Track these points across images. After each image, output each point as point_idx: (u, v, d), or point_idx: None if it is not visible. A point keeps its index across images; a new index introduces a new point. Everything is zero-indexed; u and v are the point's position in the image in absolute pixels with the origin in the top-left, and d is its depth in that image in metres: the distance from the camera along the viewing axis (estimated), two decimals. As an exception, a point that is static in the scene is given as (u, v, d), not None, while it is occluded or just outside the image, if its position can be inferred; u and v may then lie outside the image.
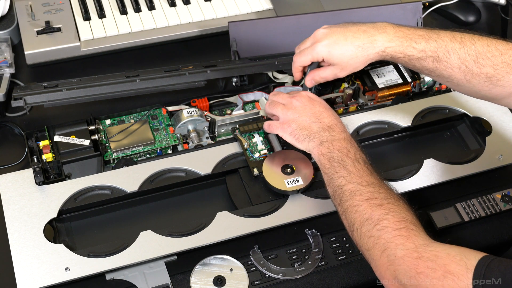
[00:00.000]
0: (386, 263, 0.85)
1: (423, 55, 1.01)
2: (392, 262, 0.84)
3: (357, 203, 0.91)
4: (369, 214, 0.89)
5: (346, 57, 1.03)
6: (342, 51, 1.03)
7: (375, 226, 0.87)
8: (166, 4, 1.39)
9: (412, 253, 0.83)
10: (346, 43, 1.03)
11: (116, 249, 0.98)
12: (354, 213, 0.91)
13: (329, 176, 0.98)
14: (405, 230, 0.86)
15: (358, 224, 0.90)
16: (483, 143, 1.19)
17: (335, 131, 1.02)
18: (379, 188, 0.93)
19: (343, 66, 1.05)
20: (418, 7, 1.35)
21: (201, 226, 1.02)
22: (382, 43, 1.02)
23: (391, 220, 0.87)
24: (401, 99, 1.25)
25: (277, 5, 1.41)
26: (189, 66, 1.23)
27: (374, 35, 1.03)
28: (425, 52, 1.01)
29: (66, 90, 1.14)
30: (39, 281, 0.94)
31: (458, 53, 1.00)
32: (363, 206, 0.90)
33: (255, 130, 1.17)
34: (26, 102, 1.12)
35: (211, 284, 1.00)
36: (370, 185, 0.93)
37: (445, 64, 1.01)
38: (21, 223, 1.00)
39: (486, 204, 1.13)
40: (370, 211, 0.89)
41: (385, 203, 0.90)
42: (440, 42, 1.01)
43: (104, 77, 1.18)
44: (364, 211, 0.90)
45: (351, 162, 0.96)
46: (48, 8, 1.33)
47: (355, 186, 0.93)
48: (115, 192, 1.06)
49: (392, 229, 0.86)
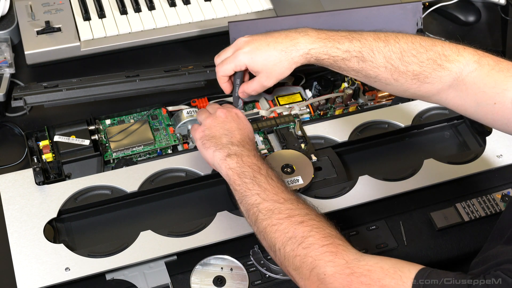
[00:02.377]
0: (316, 282, 0.80)
1: (347, 56, 0.99)
2: (323, 280, 0.79)
3: (276, 222, 0.86)
4: (292, 232, 0.84)
5: (270, 63, 1.00)
6: (265, 56, 1.00)
7: (300, 244, 0.82)
8: (166, 4, 1.39)
9: (344, 270, 0.78)
10: (268, 48, 1.01)
11: (116, 249, 0.98)
12: (275, 232, 0.85)
13: (240, 193, 0.93)
14: (333, 246, 0.81)
15: (280, 244, 0.85)
16: (483, 143, 1.19)
17: (244, 147, 0.97)
18: (297, 204, 0.88)
19: (268, 73, 1.02)
20: (418, 7, 1.35)
21: (201, 226, 1.02)
22: (305, 45, 1.00)
23: (317, 237, 0.82)
24: (401, 99, 1.25)
25: (277, 5, 1.41)
26: (189, 66, 1.23)
27: (296, 38, 1.01)
28: (349, 52, 0.99)
29: (66, 90, 1.14)
30: (39, 281, 0.94)
31: (383, 52, 0.98)
32: (284, 224, 0.85)
33: (255, 130, 1.17)
34: (26, 102, 1.12)
35: (211, 284, 1.00)
36: (287, 202, 0.88)
37: (371, 64, 0.99)
38: (21, 223, 1.00)
39: (486, 204, 1.13)
40: (293, 229, 0.84)
41: (306, 219, 0.85)
42: (364, 42, 0.99)
43: (104, 77, 1.18)
44: (286, 230, 0.85)
45: (264, 179, 0.92)
46: (48, 8, 1.33)
47: (272, 204, 0.88)
48: (115, 192, 1.06)
49: (319, 245, 0.81)
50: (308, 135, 1.16)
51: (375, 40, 0.99)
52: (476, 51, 0.98)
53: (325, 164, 1.12)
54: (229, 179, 0.96)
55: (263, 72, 1.02)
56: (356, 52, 0.99)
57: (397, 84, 1.00)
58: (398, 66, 0.98)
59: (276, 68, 1.01)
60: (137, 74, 1.19)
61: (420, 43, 0.98)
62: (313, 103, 1.24)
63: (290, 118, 1.19)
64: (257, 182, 0.91)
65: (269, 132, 1.18)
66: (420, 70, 0.97)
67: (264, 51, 1.01)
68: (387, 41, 0.99)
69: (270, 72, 1.01)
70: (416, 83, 0.99)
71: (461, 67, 0.96)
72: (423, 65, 0.97)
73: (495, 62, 0.96)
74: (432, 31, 1.47)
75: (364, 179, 1.11)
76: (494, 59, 0.96)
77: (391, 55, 0.98)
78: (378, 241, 1.07)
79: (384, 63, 0.98)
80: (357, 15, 1.31)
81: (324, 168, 1.12)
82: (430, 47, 0.98)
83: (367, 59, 0.99)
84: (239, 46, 1.03)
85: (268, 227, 0.87)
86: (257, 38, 1.03)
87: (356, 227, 1.09)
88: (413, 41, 0.98)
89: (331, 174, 1.11)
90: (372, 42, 0.99)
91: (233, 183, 0.94)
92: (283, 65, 1.01)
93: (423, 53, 0.97)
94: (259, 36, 1.03)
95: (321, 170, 1.11)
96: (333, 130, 1.18)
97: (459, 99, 0.98)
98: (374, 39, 0.99)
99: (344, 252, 0.81)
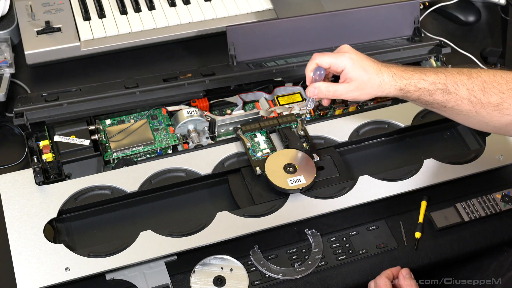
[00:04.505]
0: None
1: (433, 88, 1.02)
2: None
3: None
4: None
5: (366, 76, 1.02)
6: (365, 68, 1.02)
7: None
8: (166, 4, 1.39)
9: None
10: (368, 65, 1.03)
11: (116, 249, 0.98)
12: None
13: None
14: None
15: None
16: (483, 143, 1.19)
17: None
18: None
19: (358, 85, 1.03)
20: (415, 5, 1.35)
21: (201, 226, 1.02)
22: (396, 72, 1.03)
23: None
24: (401, 99, 1.25)
25: (277, 5, 1.41)
26: (187, 74, 1.23)
27: (388, 66, 1.04)
28: (435, 84, 1.02)
29: (67, 105, 1.14)
30: (39, 281, 0.94)
31: (466, 85, 1.01)
32: None
33: (257, 130, 1.17)
34: (27, 118, 1.12)
35: (211, 284, 1.00)
36: None
37: (455, 95, 1.01)
38: (21, 223, 1.00)
39: (486, 204, 1.13)
40: None
41: None
42: (448, 75, 1.02)
43: (103, 86, 1.19)
44: None
45: None
46: (48, 8, 1.33)
47: None
48: (115, 192, 1.06)
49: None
50: (308, 135, 1.16)
51: (459, 73, 1.02)
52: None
53: (327, 163, 1.12)
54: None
55: (355, 81, 1.03)
56: (441, 84, 1.02)
57: (478, 116, 1.02)
58: (480, 98, 1.01)
59: (367, 85, 1.03)
60: (136, 84, 1.19)
61: (501, 75, 1.01)
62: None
63: (292, 118, 1.19)
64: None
65: (271, 132, 1.18)
66: (500, 101, 1.00)
67: (365, 64, 1.03)
68: (469, 75, 1.02)
69: (361, 85, 1.03)
70: (497, 115, 1.01)
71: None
72: (503, 96, 1.00)
73: None
74: (432, 31, 1.47)
75: (364, 179, 1.11)
76: None
77: (474, 88, 1.01)
78: (378, 241, 1.07)
79: (467, 95, 1.01)
80: (356, 15, 1.32)
81: (327, 168, 1.12)
82: (511, 79, 1.01)
83: (452, 92, 1.02)
84: (345, 50, 1.05)
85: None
86: (361, 54, 1.05)
87: (356, 227, 1.09)
88: (495, 74, 1.02)
89: (333, 174, 1.11)
90: (456, 75, 1.02)
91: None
92: (373, 86, 1.03)
93: (503, 84, 1.00)
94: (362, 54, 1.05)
95: (323, 170, 1.11)
96: (333, 130, 1.18)
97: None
98: (457, 72, 1.03)
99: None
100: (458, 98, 1.01)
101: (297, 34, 1.29)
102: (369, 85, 1.02)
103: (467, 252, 1.10)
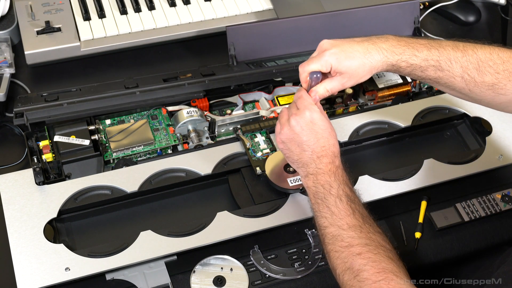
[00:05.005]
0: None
1: (425, 64, 1.00)
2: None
3: (338, 249, 0.91)
4: (350, 263, 0.88)
5: (354, 65, 1.01)
6: (350, 58, 1.01)
7: (356, 277, 0.87)
8: (166, 4, 1.39)
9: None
10: (353, 51, 1.01)
11: (116, 249, 0.98)
12: (336, 259, 0.91)
13: (314, 212, 0.97)
14: (385, 282, 0.85)
15: (340, 270, 0.90)
16: (483, 143, 1.19)
17: (322, 162, 0.98)
18: (359, 231, 0.92)
19: (350, 74, 1.02)
20: (415, 5, 1.35)
21: (201, 226, 1.02)
22: (385, 52, 1.01)
23: (371, 272, 0.86)
24: (401, 99, 1.25)
25: (277, 5, 1.41)
26: (187, 74, 1.23)
27: (377, 43, 1.02)
28: (427, 61, 1.00)
29: (67, 105, 1.14)
30: (39, 281, 0.94)
31: (460, 62, 0.99)
32: (344, 253, 0.90)
33: (257, 130, 1.17)
34: (27, 118, 1.12)
35: (211, 284, 1.00)
36: (351, 229, 0.92)
37: (448, 73, 1.00)
38: (21, 223, 1.00)
39: (486, 204, 1.13)
40: (351, 261, 0.89)
41: (364, 251, 0.89)
42: (442, 51, 1.00)
43: (103, 86, 1.19)
44: (345, 259, 0.89)
45: (333, 200, 0.94)
46: (48, 8, 1.33)
47: (336, 230, 0.92)
48: (115, 192, 1.06)
49: (372, 281, 0.86)
50: (308, 135, 1.16)
51: (453, 49, 1.00)
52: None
53: (325, 164, 1.12)
54: (308, 196, 0.99)
55: (346, 74, 1.02)
56: (434, 61, 1.00)
57: (471, 94, 1.01)
58: (474, 77, 0.99)
59: (359, 71, 1.01)
60: (136, 84, 1.19)
61: (498, 54, 0.99)
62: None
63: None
64: (327, 204, 0.95)
65: (271, 132, 1.18)
66: (495, 81, 0.98)
67: (349, 53, 1.01)
68: (465, 51, 1.00)
69: (353, 74, 1.02)
70: (490, 94, 0.99)
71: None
72: (499, 77, 0.98)
73: None
74: (432, 31, 1.47)
75: (364, 179, 1.11)
76: None
77: (468, 65, 0.99)
78: (378, 241, 1.07)
79: (460, 73, 0.99)
80: (356, 15, 1.32)
81: (325, 168, 1.12)
82: (508, 59, 0.98)
83: (444, 69, 1.00)
84: (324, 47, 1.03)
85: (331, 252, 0.92)
86: (342, 41, 1.03)
87: (356, 227, 1.09)
88: (491, 52, 0.99)
89: (331, 174, 1.11)
90: (450, 52, 1.00)
91: (310, 201, 0.98)
92: (365, 68, 1.01)
93: (499, 64, 0.98)
94: (343, 40, 1.04)
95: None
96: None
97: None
98: (452, 48, 1.00)
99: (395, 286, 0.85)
100: (451, 76, 1.00)
101: (297, 34, 1.29)
102: (361, 70, 1.01)
103: (467, 252, 1.10)
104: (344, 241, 0.91)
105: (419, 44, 1.02)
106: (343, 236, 0.91)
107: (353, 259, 0.88)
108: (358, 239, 0.90)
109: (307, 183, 0.98)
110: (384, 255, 0.89)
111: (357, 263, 0.88)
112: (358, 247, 0.89)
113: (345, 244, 0.90)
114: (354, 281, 0.87)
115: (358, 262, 0.88)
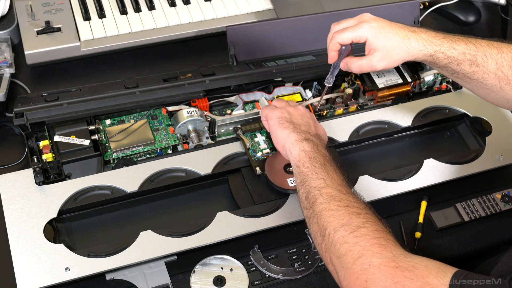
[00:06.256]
0: (358, 272, 0.81)
1: (462, 58, 1.00)
2: (366, 270, 0.81)
3: (334, 208, 0.88)
4: (347, 220, 0.86)
5: (389, 45, 0.99)
6: (388, 37, 0.99)
7: (353, 232, 0.84)
8: (166, 4, 1.39)
9: (390, 262, 0.80)
10: (392, 31, 0.99)
11: (116, 249, 0.98)
12: (330, 217, 0.87)
13: (306, 175, 0.94)
14: (384, 240, 0.83)
15: (331, 228, 0.86)
16: (483, 143, 1.19)
17: (319, 141, 1.00)
18: (358, 199, 0.91)
19: (383, 55, 1.00)
20: (415, 5, 1.35)
21: (201, 226, 1.02)
22: (425, 38, 1.00)
23: (370, 229, 0.84)
24: (401, 99, 1.25)
25: (277, 5, 1.41)
26: (187, 74, 1.23)
27: (417, 32, 1.01)
28: (464, 54, 1.00)
29: (67, 105, 1.14)
30: (39, 281, 0.94)
31: (496, 58, 0.99)
32: (341, 211, 0.87)
33: (257, 130, 1.17)
34: (27, 118, 1.12)
35: (211, 284, 1.00)
36: (349, 194, 0.91)
37: (482, 68, 1.00)
38: (21, 223, 1.00)
39: (486, 204, 1.13)
40: (349, 217, 0.86)
41: (364, 212, 0.87)
42: (478, 46, 1.00)
43: (103, 86, 1.19)
44: (341, 216, 0.87)
45: (333, 169, 0.94)
46: (48, 8, 1.33)
47: (334, 192, 0.90)
48: (115, 192, 1.06)
49: (371, 237, 0.83)
50: (308, 135, 1.16)
51: (489, 46, 1.00)
52: None
53: (325, 164, 1.12)
54: (298, 160, 0.97)
55: (379, 52, 1.00)
56: (470, 55, 1.00)
57: (501, 92, 1.01)
58: (507, 74, 0.99)
59: (393, 53, 1.00)
60: (136, 84, 1.19)
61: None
62: (313, 103, 1.24)
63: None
64: (326, 170, 0.94)
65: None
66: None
67: (388, 31, 0.99)
68: (500, 48, 1.00)
69: (386, 55, 1.00)
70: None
71: None
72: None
73: None
74: (432, 31, 1.47)
75: (364, 179, 1.11)
76: None
77: (503, 62, 0.99)
78: (378, 241, 1.07)
79: (495, 69, 0.99)
80: (356, 15, 1.31)
81: (325, 168, 1.12)
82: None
83: (480, 64, 1.00)
84: (365, 19, 1.02)
85: (324, 211, 0.89)
86: (384, 20, 1.02)
87: (356, 227, 1.09)
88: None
89: (332, 174, 1.11)
90: (486, 48, 1.00)
91: (302, 165, 0.96)
92: (399, 53, 1.00)
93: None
94: (386, 20, 1.02)
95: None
96: (333, 130, 1.18)
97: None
98: (487, 45, 1.01)
99: (392, 247, 0.83)
100: (485, 71, 1.00)
101: (297, 34, 1.29)
102: (394, 53, 0.99)
103: (467, 252, 1.10)
104: (342, 201, 0.89)
105: (456, 37, 1.02)
106: (342, 197, 0.90)
107: (351, 217, 0.86)
108: (356, 203, 0.89)
109: (304, 147, 0.97)
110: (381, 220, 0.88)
111: (356, 220, 0.86)
112: (357, 209, 0.88)
113: (343, 204, 0.88)
114: (350, 237, 0.84)
115: (357, 220, 0.86)
